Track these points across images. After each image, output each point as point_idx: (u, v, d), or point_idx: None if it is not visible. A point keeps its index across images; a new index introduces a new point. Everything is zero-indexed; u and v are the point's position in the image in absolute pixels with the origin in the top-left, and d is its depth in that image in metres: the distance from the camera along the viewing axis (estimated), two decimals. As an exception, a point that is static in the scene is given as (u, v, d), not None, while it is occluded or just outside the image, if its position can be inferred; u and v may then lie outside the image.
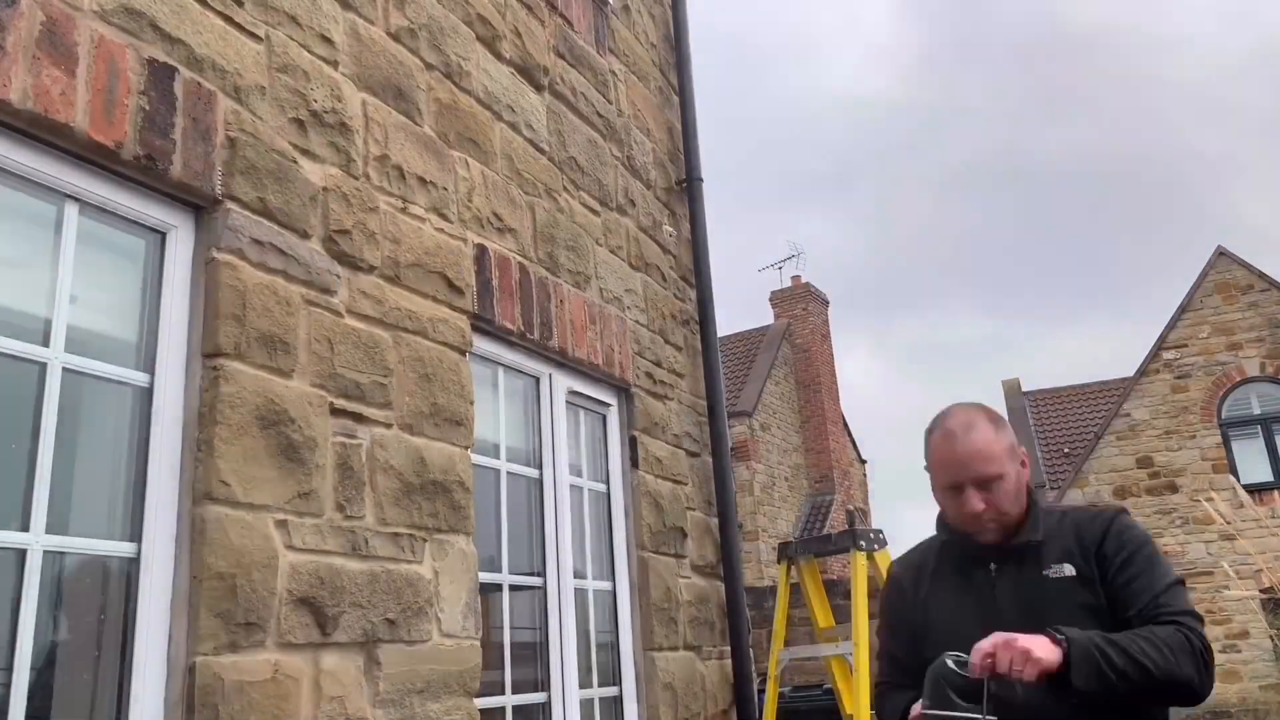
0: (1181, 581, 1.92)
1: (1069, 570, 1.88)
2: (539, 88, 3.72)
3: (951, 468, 1.91)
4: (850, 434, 22.88)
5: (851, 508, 3.56)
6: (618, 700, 3.63)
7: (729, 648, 4.26)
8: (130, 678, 1.99)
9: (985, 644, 1.69)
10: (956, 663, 1.72)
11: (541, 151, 3.65)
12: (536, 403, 3.52)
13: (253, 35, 2.45)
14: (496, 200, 3.31)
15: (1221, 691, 16.07)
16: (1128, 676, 1.69)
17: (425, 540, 2.69)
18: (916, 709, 1.78)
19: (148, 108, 2.13)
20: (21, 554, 1.88)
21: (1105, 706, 1.74)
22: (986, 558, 1.94)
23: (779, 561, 4.24)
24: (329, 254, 2.55)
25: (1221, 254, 17.81)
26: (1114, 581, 1.85)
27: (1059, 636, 1.70)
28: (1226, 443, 17.01)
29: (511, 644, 3.18)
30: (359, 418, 2.55)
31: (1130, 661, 1.70)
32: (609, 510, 3.82)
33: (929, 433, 1.98)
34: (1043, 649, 1.67)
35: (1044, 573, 1.89)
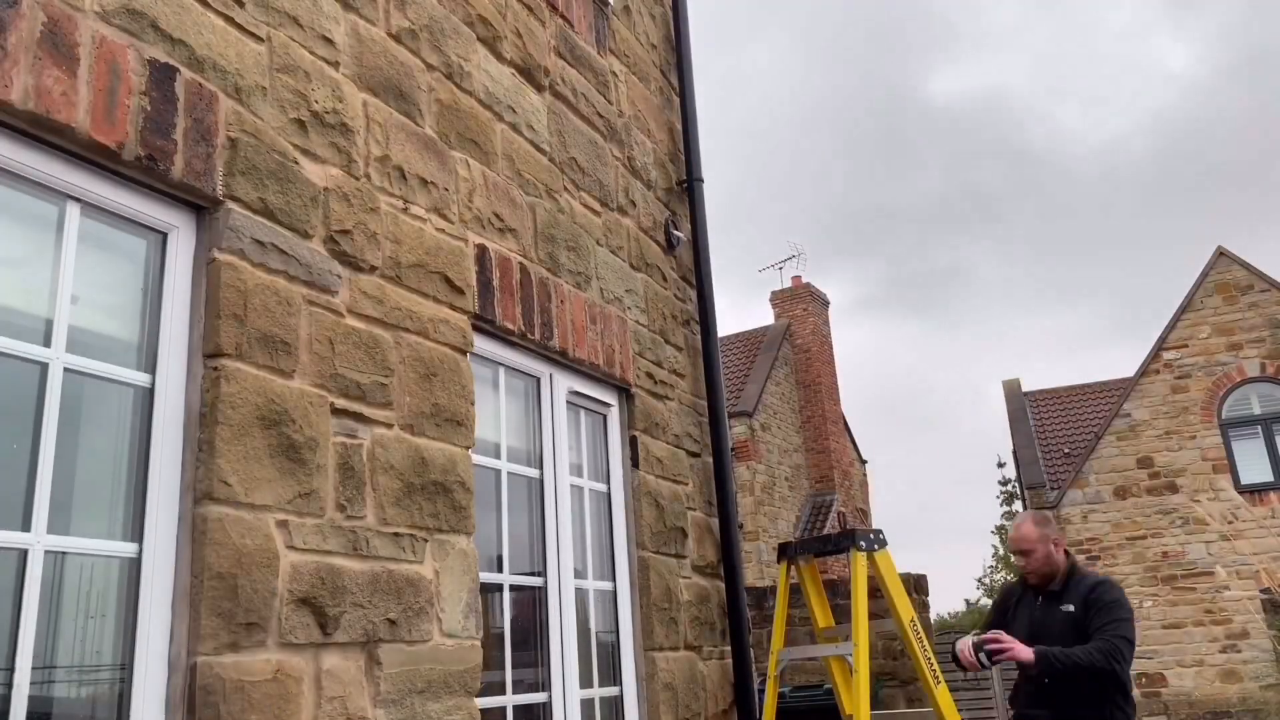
0: (1126, 619, 3.62)
1: (1070, 609, 3.68)
2: (540, 88, 3.73)
3: (1011, 543, 3.87)
4: (850, 434, 22.88)
5: (842, 510, 3.59)
6: (618, 700, 3.63)
7: (729, 648, 4.26)
8: (131, 677, 1.99)
9: (997, 634, 3.67)
10: (977, 635, 3.72)
11: (542, 152, 3.66)
12: (537, 403, 3.53)
13: (254, 36, 2.45)
14: (497, 201, 3.31)
15: (1222, 691, 16.08)
16: (1067, 667, 3.49)
17: (426, 540, 2.69)
18: (964, 643, 3.72)
19: (149, 108, 2.13)
20: (23, 554, 1.88)
21: (1072, 692, 3.55)
22: (1037, 593, 3.84)
23: (779, 561, 4.23)
24: (330, 254, 2.55)
25: (1222, 254, 17.81)
26: (1090, 618, 3.61)
27: (1037, 648, 3.56)
28: (1226, 443, 17.01)
29: (512, 644, 3.18)
30: (360, 418, 2.55)
31: (1068, 659, 3.50)
32: (609, 510, 3.82)
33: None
34: (1023, 652, 3.56)
35: (1060, 607, 3.71)
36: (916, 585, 8.80)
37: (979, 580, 46.36)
